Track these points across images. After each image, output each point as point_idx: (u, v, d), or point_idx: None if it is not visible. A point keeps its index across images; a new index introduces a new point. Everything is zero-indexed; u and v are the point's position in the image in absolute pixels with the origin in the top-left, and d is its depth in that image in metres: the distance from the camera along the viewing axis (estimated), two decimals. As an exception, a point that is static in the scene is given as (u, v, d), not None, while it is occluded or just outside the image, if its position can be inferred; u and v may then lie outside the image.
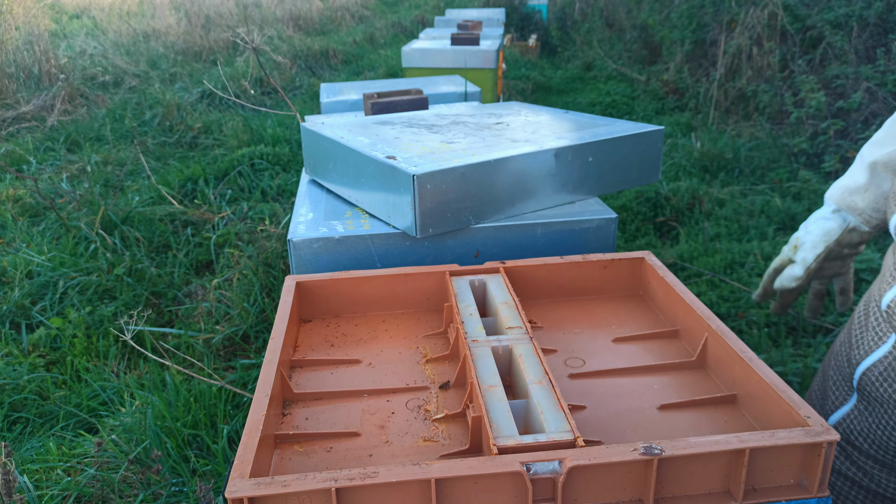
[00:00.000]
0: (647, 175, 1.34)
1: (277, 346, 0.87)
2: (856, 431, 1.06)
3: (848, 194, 1.19)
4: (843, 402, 1.09)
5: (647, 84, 6.39)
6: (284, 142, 4.90)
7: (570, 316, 1.07)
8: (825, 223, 1.21)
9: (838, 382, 1.11)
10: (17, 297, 2.92)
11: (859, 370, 1.03)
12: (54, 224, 3.68)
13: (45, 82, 6.64)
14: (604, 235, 1.18)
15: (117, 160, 4.84)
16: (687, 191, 3.78)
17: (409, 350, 0.99)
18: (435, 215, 1.07)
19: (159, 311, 2.98)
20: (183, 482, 1.91)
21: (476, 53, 3.47)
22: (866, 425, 1.04)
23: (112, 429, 2.17)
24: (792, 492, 0.69)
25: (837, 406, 1.10)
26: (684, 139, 4.85)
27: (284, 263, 3.00)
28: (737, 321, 2.62)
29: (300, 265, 1.13)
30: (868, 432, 1.04)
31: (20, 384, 2.42)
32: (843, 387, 1.09)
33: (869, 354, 1.01)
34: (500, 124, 1.38)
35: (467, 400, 0.83)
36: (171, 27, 9.29)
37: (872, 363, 0.99)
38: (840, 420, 1.09)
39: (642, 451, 0.65)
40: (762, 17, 5.17)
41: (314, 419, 0.84)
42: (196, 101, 6.30)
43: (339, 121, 1.47)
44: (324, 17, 10.70)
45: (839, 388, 1.11)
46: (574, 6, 9.40)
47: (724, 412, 0.82)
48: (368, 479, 0.63)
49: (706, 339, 0.90)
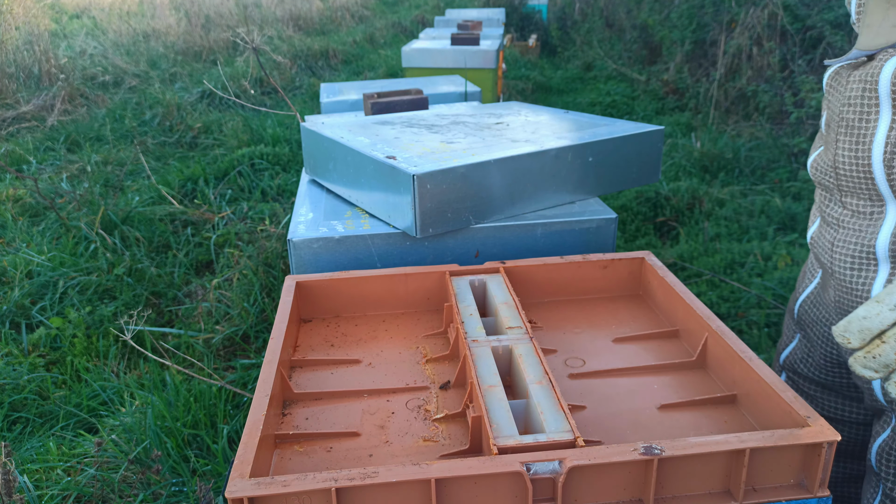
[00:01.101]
0: (647, 175, 1.34)
1: (277, 346, 0.87)
2: (799, 360, 1.20)
3: None
4: (791, 338, 1.22)
5: (647, 84, 6.40)
6: (284, 142, 4.90)
7: (570, 316, 1.07)
8: None
9: (788, 323, 1.25)
10: (17, 297, 2.92)
11: (797, 304, 1.18)
12: (54, 224, 3.68)
13: (45, 82, 6.64)
14: (604, 235, 1.18)
15: (117, 160, 4.84)
16: (687, 191, 3.78)
17: (409, 350, 0.99)
18: (435, 215, 1.07)
19: (159, 311, 2.99)
20: (183, 482, 1.91)
21: (476, 53, 3.48)
22: (806, 351, 1.17)
23: (112, 429, 2.17)
24: (792, 492, 0.69)
25: (787, 343, 1.24)
26: (684, 139, 4.85)
27: (284, 263, 3.00)
28: (737, 321, 2.62)
29: (300, 265, 1.13)
30: (807, 357, 1.17)
31: (20, 384, 2.42)
32: (791, 325, 1.23)
33: (804, 290, 1.16)
34: (500, 124, 1.38)
35: (467, 400, 0.83)
36: (171, 27, 9.29)
37: (805, 296, 1.15)
38: (788, 354, 1.23)
39: (642, 451, 0.65)
40: (762, 17, 5.18)
41: (314, 419, 0.84)
42: (196, 101, 6.30)
43: (339, 121, 1.47)
44: (324, 17, 10.70)
45: (788, 327, 1.24)
46: (574, 6, 9.40)
47: (724, 412, 0.82)
48: (368, 479, 0.63)
49: (706, 339, 0.90)
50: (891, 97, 0.89)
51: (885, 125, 0.90)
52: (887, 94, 0.89)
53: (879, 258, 0.94)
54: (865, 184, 0.95)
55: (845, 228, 1.00)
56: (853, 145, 0.95)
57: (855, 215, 0.99)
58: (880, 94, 0.90)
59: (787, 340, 1.25)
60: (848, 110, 0.95)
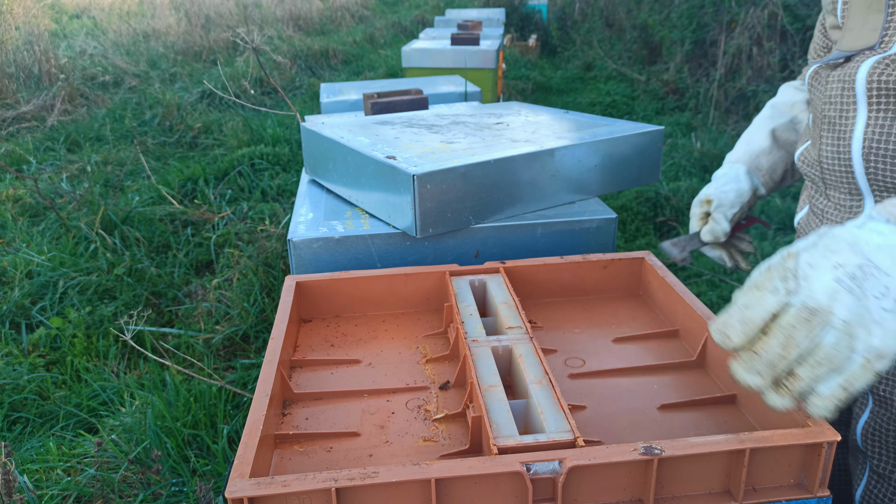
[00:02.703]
0: (647, 175, 1.34)
1: (277, 346, 0.87)
2: None
3: (754, 157, 1.29)
4: None
5: (647, 84, 6.40)
6: (284, 142, 4.90)
7: (570, 316, 1.07)
8: (738, 184, 1.28)
9: None
10: (17, 297, 2.92)
11: None
12: (54, 224, 3.68)
13: (45, 82, 6.64)
14: (604, 235, 1.18)
15: (117, 160, 4.84)
16: (687, 191, 3.78)
17: (409, 350, 0.99)
18: (435, 215, 1.07)
19: (159, 311, 2.99)
20: (183, 482, 1.91)
21: (476, 53, 3.48)
22: None
23: (112, 429, 2.17)
24: (792, 492, 0.69)
25: None
26: (684, 139, 4.85)
27: (284, 263, 3.00)
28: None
29: (300, 265, 1.13)
30: None
31: (20, 384, 2.42)
32: None
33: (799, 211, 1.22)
34: (500, 124, 1.38)
35: (467, 400, 0.83)
36: (171, 27, 9.29)
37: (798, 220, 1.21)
38: None
39: (642, 451, 0.65)
40: (762, 17, 5.18)
41: (314, 419, 0.84)
42: (196, 101, 6.30)
43: (339, 121, 1.47)
44: (324, 17, 10.71)
45: None
46: (574, 6, 9.40)
47: (724, 412, 0.82)
48: (368, 479, 0.63)
49: (706, 339, 0.90)
50: (867, 95, 0.93)
51: (861, 122, 0.95)
52: (863, 92, 0.93)
53: None
54: (846, 178, 1.00)
55: (829, 220, 1.06)
56: (835, 141, 1.00)
57: (838, 208, 1.04)
58: (857, 93, 0.95)
59: None
60: (829, 108, 1.01)
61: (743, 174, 1.28)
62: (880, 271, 0.62)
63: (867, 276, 0.62)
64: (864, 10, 0.96)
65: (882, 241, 0.65)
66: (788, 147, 1.29)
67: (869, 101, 0.93)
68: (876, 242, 0.64)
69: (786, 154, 1.29)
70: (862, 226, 0.67)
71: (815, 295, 0.61)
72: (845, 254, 0.63)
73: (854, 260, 0.63)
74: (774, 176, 1.30)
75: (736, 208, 1.27)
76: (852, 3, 0.98)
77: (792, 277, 0.63)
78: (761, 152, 1.29)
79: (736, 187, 1.27)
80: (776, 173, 1.30)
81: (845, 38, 0.99)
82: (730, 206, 1.26)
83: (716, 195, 1.28)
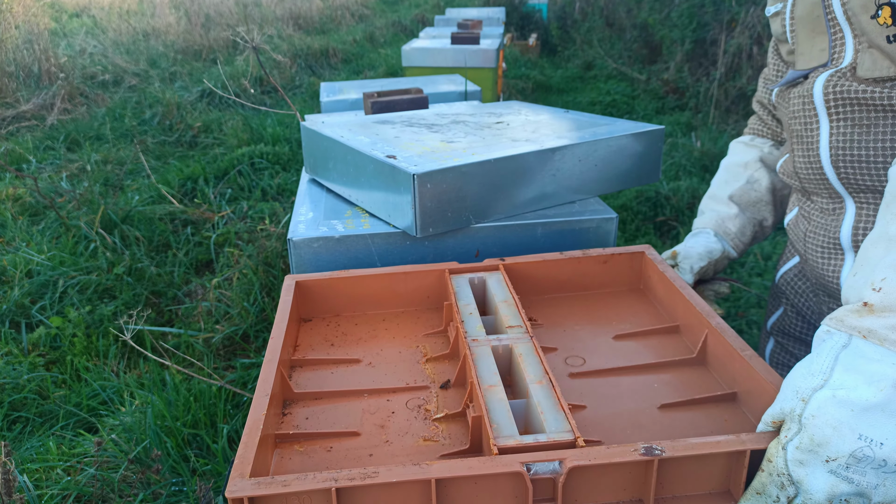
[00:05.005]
0: (647, 175, 1.34)
1: (277, 346, 0.87)
2: (785, 325, 1.35)
3: (721, 222, 1.35)
4: (776, 307, 1.38)
5: (647, 83, 6.39)
6: (284, 141, 4.90)
7: (570, 312, 1.07)
8: (708, 241, 1.32)
9: (773, 294, 1.41)
10: (16, 297, 2.92)
11: (778, 276, 1.34)
12: (54, 223, 3.68)
13: (44, 81, 6.63)
14: (604, 235, 1.18)
15: (117, 159, 4.84)
16: (687, 190, 3.77)
17: (409, 349, 0.99)
18: (435, 215, 1.07)
19: (159, 310, 2.98)
20: (183, 482, 1.91)
21: (476, 52, 3.47)
22: (791, 316, 1.33)
23: (112, 428, 2.17)
24: (792, 491, 0.68)
25: (773, 312, 1.39)
26: (684, 139, 4.85)
27: (284, 263, 3.00)
28: (737, 321, 2.62)
29: (300, 264, 1.13)
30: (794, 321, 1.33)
31: (20, 383, 2.42)
32: (776, 295, 1.38)
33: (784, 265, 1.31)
34: (501, 123, 1.38)
35: (467, 399, 0.83)
36: (171, 26, 9.29)
37: (786, 269, 1.30)
38: (775, 321, 1.38)
39: (643, 451, 0.65)
40: (762, 17, 5.17)
41: (314, 419, 0.84)
42: (196, 100, 6.29)
43: (339, 120, 1.47)
44: (324, 16, 10.70)
45: (774, 297, 1.40)
46: (574, 5, 9.40)
47: (725, 410, 0.82)
48: (368, 479, 0.63)
49: (706, 336, 0.90)
50: (826, 107, 1.01)
51: (825, 132, 1.02)
52: (822, 104, 1.01)
53: (845, 248, 1.07)
54: (823, 184, 1.07)
55: (814, 222, 1.13)
56: (805, 152, 1.08)
57: (822, 211, 1.11)
58: (816, 106, 1.03)
59: (772, 309, 1.39)
60: (795, 122, 1.09)
61: (712, 238, 1.33)
62: (873, 444, 0.60)
63: (860, 460, 0.61)
64: (810, 35, 1.05)
65: (860, 400, 0.62)
66: (751, 208, 1.36)
67: (829, 112, 1.01)
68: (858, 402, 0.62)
69: (751, 216, 1.36)
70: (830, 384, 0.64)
71: (814, 497, 0.62)
72: (833, 443, 0.61)
73: (844, 448, 0.61)
74: (744, 238, 1.36)
75: (704, 262, 1.29)
76: (798, 30, 1.07)
77: (789, 483, 0.63)
78: (727, 217, 1.36)
79: (706, 244, 1.32)
80: (745, 235, 1.36)
81: (799, 60, 1.09)
82: (697, 258, 1.29)
83: (682, 249, 1.32)
